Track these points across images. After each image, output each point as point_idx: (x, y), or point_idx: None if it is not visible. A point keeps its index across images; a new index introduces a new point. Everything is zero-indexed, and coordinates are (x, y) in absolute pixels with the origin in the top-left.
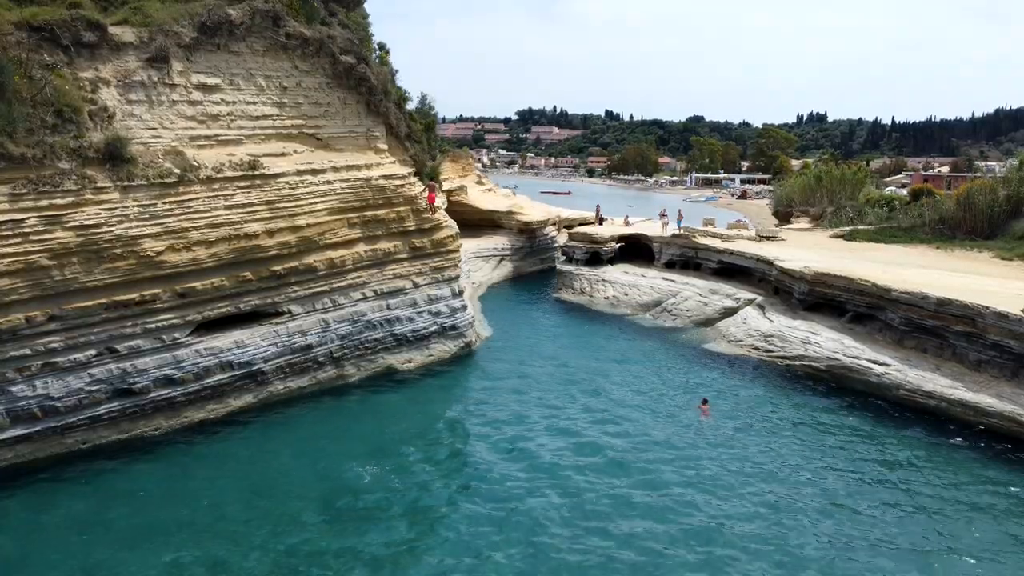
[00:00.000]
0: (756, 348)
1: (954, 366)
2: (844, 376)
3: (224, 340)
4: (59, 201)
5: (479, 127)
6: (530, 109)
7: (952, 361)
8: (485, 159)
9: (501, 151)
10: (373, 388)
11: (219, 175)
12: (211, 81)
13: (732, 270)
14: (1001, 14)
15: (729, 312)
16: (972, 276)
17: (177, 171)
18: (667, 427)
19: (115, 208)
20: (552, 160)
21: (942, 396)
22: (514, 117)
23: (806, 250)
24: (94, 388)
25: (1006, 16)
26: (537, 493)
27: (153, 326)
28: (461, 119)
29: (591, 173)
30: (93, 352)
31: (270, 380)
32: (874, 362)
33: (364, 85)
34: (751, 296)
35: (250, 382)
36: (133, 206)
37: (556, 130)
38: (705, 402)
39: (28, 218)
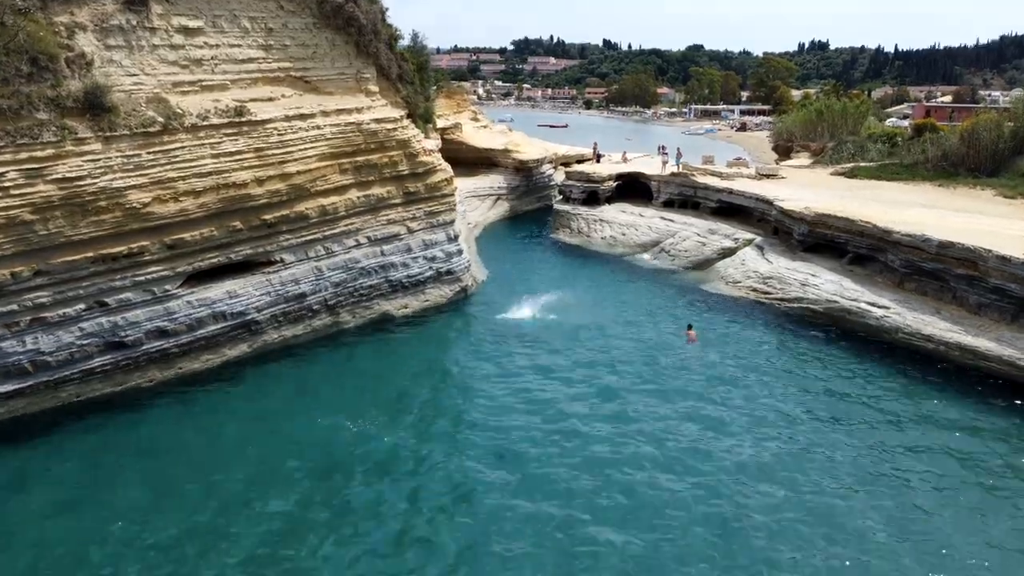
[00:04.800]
0: (754, 290)
1: (954, 309)
2: (843, 319)
3: (216, 291)
4: (39, 153)
5: (475, 57)
6: (526, 39)
7: (952, 304)
8: (481, 91)
9: (497, 82)
10: (369, 335)
11: (204, 122)
12: (193, 24)
13: (731, 209)
14: None
15: (728, 253)
16: (975, 216)
17: (161, 119)
18: (659, 361)
19: (98, 159)
20: (549, 91)
21: (940, 339)
22: (510, 47)
23: (806, 189)
24: (85, 342)
25: None
26: (533, 433)
27: (143, 278)
28: (456, 49)
29: (589, 105)
30: (82, 306)
31: (264, 330)
32: (873, 305)
33: (353, 25)
34: (750, 236)
35: (244, 332)
36: (116, 157)
37: (553, 60)
38: (690, 328)
39: (8, 172)
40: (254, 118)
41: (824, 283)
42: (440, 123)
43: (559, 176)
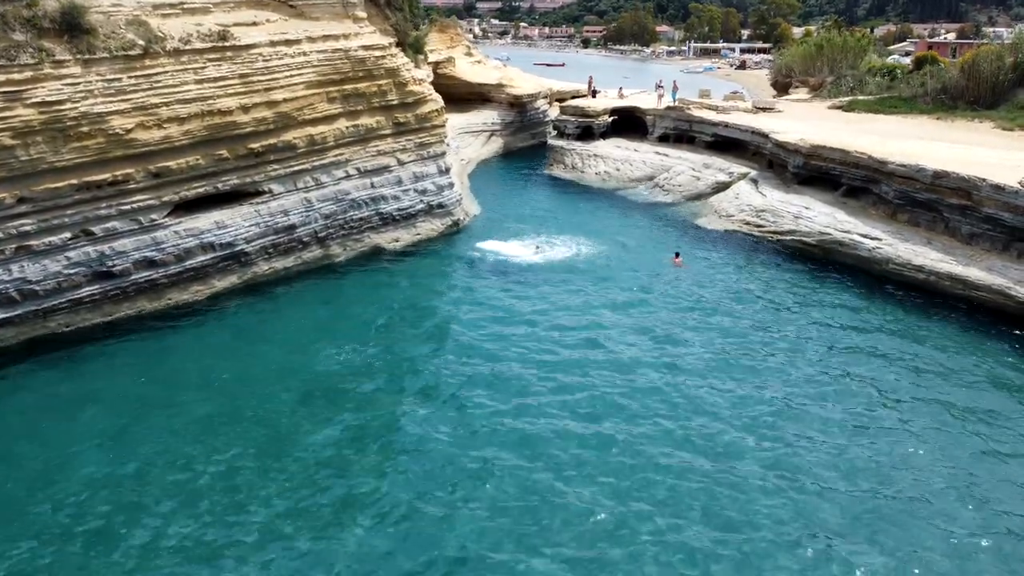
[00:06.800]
0: (747, 223)
1: (946, 240)
2: (835, 250)
3: (204, 221)
4: (16, 76)
5: None
6: None
7: (944, 235)
8: (476, 29)
9: (493, 20)
10: (360, 268)
11: (187, 47)
12: None
13: (727, 143)
14: None
15: (722, 187)
16: (973, 147)
17: (141, 42)
18: (644, 282)
19: (78, 83)
20: (546, 30)
21: (931, 270)
22: None
23: (802, 122)
24: (72, 271)
25: None
26: (520, 365)
27: (129, 207)
28: None
29: (587, 43)
30: (68, 235)
31: (254, 261)
32: (866, 236)
33: None
34: (745, 170)
35: (233, 263)
36: (97, 81)
37: None
38: (677, 255)
39: None
40: (238, 43)
41: (817, 215)
42: (432, 57)
43: (554, 112)
